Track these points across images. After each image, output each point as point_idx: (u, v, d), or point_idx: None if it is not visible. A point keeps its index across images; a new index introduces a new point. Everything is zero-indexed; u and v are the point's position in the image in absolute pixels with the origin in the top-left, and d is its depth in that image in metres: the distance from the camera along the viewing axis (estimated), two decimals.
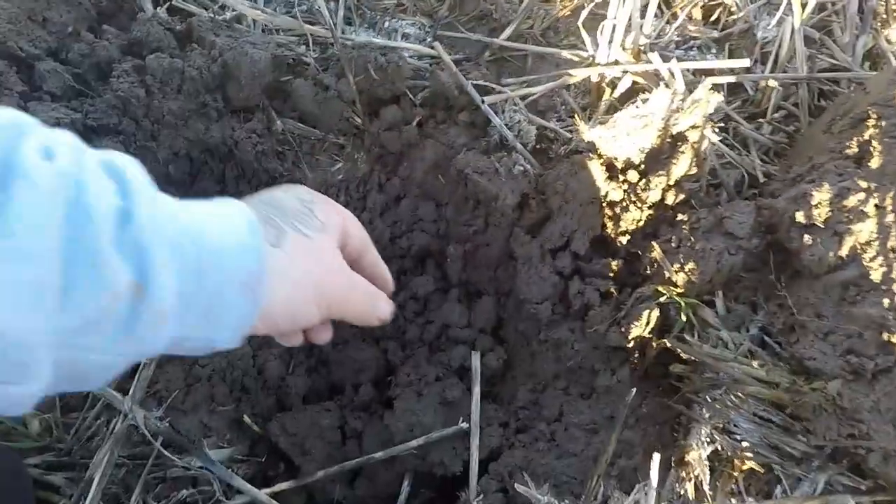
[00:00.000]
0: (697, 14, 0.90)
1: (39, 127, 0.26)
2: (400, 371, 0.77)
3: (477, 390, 0.60)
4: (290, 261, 0.36)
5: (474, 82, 0.76)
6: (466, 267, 0.82)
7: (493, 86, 0.77)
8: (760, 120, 0.80)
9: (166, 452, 0.56)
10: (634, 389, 0.62)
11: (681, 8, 0.89)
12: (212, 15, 0.72)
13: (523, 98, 0.76)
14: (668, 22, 0.89)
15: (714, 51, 0.88)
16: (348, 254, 0.44)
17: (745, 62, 0.71)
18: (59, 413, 0.60)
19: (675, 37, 0.88)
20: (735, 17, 0.87)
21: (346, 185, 0.79)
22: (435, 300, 0.82)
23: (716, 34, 0.88)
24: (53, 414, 0.60)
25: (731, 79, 0.73)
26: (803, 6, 0.75)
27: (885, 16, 0.87)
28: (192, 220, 0.31)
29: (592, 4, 0.89)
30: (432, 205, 0.82)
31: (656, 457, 0.51)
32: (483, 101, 0.71)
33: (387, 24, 0.89)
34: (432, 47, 0.76)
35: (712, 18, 0.90)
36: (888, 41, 0.84)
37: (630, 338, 0.66)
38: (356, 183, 0.80)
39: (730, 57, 0.87)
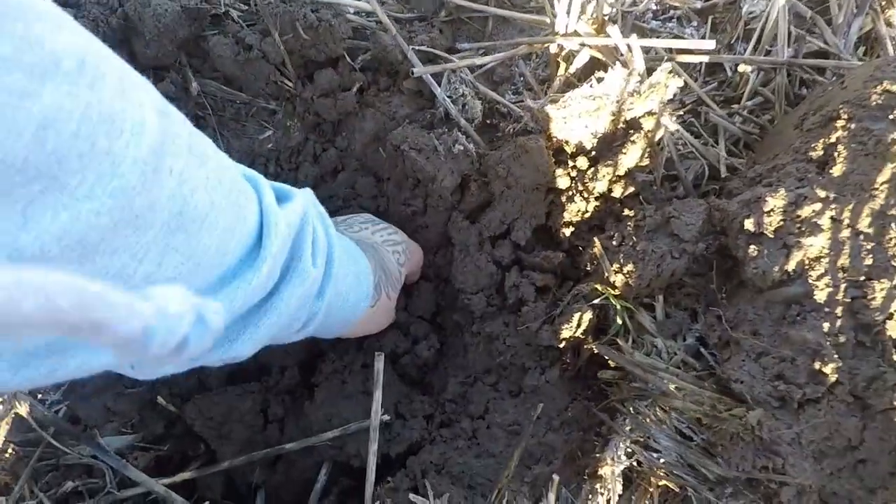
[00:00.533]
0: None
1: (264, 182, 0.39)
2: (326, 357, 0.73)
3: (378, 395, 0.56)
4: (372, 314, 0.57)
5: (418, 48, 0.68)
6: None
7: (441, 53, 0.70)
8: (734, 106, 0.73)
9: (54, 441, 0.53)
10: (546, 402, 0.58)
11: None
12: None
13: (472, 69, 0.69)
14: None
15: (695, 23, 0.80)
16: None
17: (710, 44, 0.63)
18: None
19: (653, 5, 0.79)
20: None
21: (277, 155, 0.73)
22: None
23: (699, 4, 0.80)
24: None
25: (703, 59, 0.66)
26: None
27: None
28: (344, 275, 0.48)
29: None
30: (371, 180, 0.76)
31: (555, 478, 0.47)
32: (421, 70, 0.63)
33: None
34: (373, 12, 0.67)
35: None
36: (888, 24, 0.75)
37: (561, 337, 0.62)
38: (288, 153, 0.73)
39: (712, 31, 0.79)
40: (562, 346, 0.63)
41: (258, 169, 0.57)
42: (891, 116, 0.49)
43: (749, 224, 0.53)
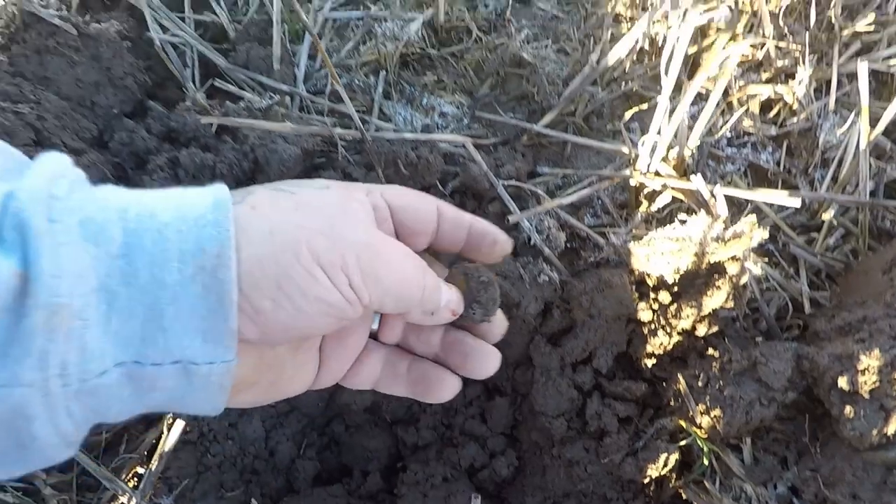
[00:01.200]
0: (755, 107, 0.84)
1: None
2: (408, 466, 0.76)
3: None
4: (257, 214, 0.29)
5: (506, 183, 0.74)
6: None
7: (525, 186, 0.75)
8: (814, 234, 0.75)
9: None
10: None
11: (738, 99, 0.84)
12: (247, 104, 0.72)
13: (556, 204, 0.73)
14: (723, 113, 0.84)
15: (770, 149, 0.82)
16: (404, 229, 0.38)
17: (796, 201, 0.65)
18: (74, 494, 0.63)
19: (729, 132, 0.82)
20: (797, 115, 0.81)
21: None
22: None
23: (773, 131, 0.82)
24: (70, 495, 0.63)
25: (795, 203, 0.68)
26: (873, 124, 0.69)
27: None
28: (139, 201, 0.26)
29: (641, 89, 0.85)
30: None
31: None
32: (518, 216, 0.68)
33: (425, 100, 0.88)
34: (464, 145, 0.74)
35: (772, 114, 0.84)
36: None
37: (645, 474, 0.62)
38: None
39: (787, 155, 0.82)
40: (645, 480, 0.63)
41: None
42: None
43: (843, 382, 0.54)
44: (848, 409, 0.53)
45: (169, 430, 0.65)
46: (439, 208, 0.40)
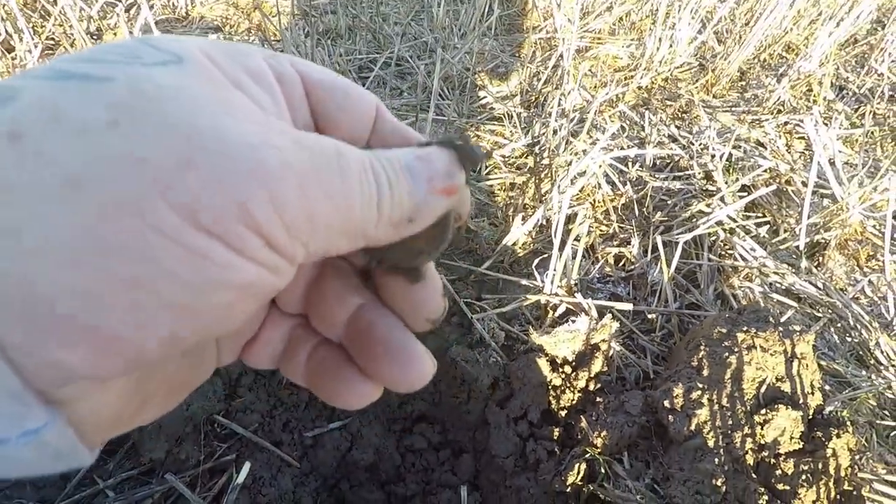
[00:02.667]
0: (612, 260, 1.36)
1: None
2: None
3: None
4: (25, 151, 0.16)
5: (465, 300, 1.16)
6: (452, 429, 1.13)
7: (476, 303, 1.17)
8: (653, 334, 1.21)
9: None
10: None
11: (601, 255, 1.36)
12: None
13: (497, 313, 1.16)
14: (592, 263, 1.35)
15: (622, 286, 1.33)
16: (327, 121, 0.26)
17: (629, 305, 1.13)
18: None
19: (597, 274, 1.33)
20: (634, 265, 1.34)
21: None
22: (429, 453, 1.11)
23: (623, 274, 1.34)
24: None
25: (628, 307, 1.15)
26: (668, 265, 1.21)
27: (730, 270, 1.35)
28: None
29: (541, 247, 1.35)
30: (430, 381, 1.15)
31: None
32: (472, 316, 1.09)
33: None
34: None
35: (621, 264, 1.37)
36: (730, 286, 1.30)
37: (567, 484, 0.96)
38: None
39: (633, 289, 1.32)
40: (568, 490, 0.96)
41: None
42: (724, 344, 0.96)
43: (667, 403, 0.95)
44: (671, 418, 0.93)
45: (237, 474, 0.90)
46: (378, 106, 0.28)
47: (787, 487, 0.82)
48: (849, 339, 1.20)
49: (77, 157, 0.16)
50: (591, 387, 1.05)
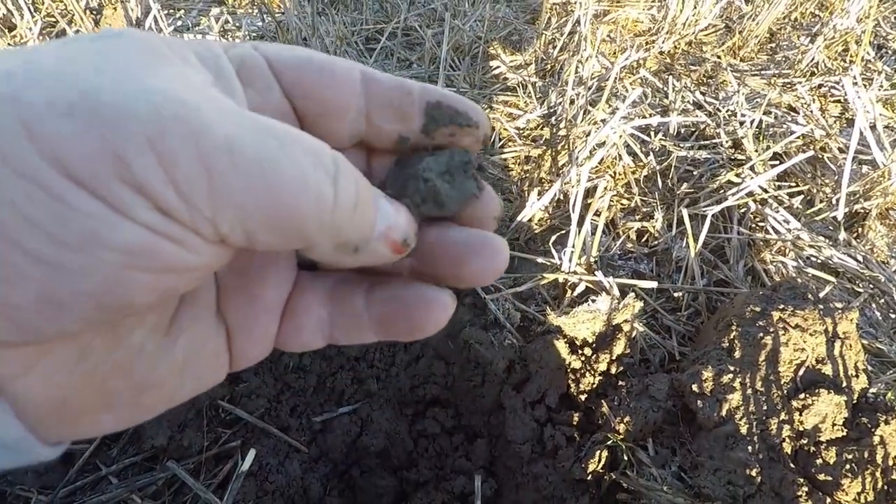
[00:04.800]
0: (633, 236, 1.29)
1: None
2: (413, 496, 0.98)
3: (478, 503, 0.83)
4: None
5: None
6: (466, 413, 1.08)
7: (490, 283, 1.11)
8: (678, 313, 1.14)
9: None
10: None
11: (622, 231, 1.29)
12: None
13: (512, 293, 1.10)
14: (613, 239, 1.28)
15: (645, 262, 1.25)
16: (305, 104, 0.24)
17: (653, 283, 1.06)
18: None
19: (618, 251, 1.25)
20: (658, 240, 1.26)
21: (379, 344, 1.09)
22: (443, 438, 1.06)
23: (646, 250, 1.26)
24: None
25: (652, 284, 1.08)
26: (695, 240, 1.14)
27: (761, 243, 1.26)
28: None
29: (559, 223, 1.28)
30: (443, 364, 1.10)
31: None
32: (485, 297, 1.03)
33: None
34: None
35: (643, 240, 1.29)
36: (762, 261, 1.22)
37: (588, 472, 0.91)
38: (387, 344, 1.09)
39: (657, 265, 1.25)
40: (588, 478, 0.91)
41: (364, 359, 0.91)
42: (758, 323, 0.89)
43: (695, 387, 0.88)
44: (699, 403, 0.87)
45: (242, 461, 0.87)
46: (363, 71, 0.25)
47: (829, 478, 0.76)
48: (893, 316, 1.12)
49: None
50: (613, 370, 0.99)
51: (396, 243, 0.23)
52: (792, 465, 0.78)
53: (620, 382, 0.98)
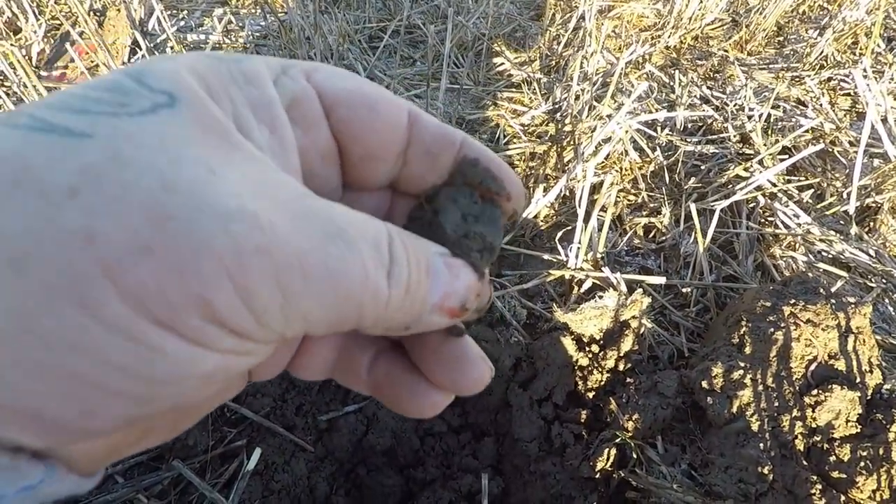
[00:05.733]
0: (641, 232, 1.27)
1: None
2: (420, 495, 0.97)
3: (485, 502, 0.82)
4: None
5: None
6: (473, 412, 1.07)
7: (496, 280, 1.10)
8: (687, 309, 1.13)
9: None
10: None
11: (629, 226, 1.28)
12: None
13: (518, 290, 1.09)
14: (620, 235, 1.26)
15: (653, 258, 1.24)
16: (353, 143, 0.23)
17: (661, 279, 1.05)
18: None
19: (625, 247, 1.24)
20: (666, 236, 1.24)
21: None
22: (449, 437, 1.05)
23: (653, 246, 1.25)
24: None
25: (660, 280, 1.07)
26: (704, 235, 1.12)
27: (771, 238, 1.24)
28: None
29: (565, 220, 1.27)
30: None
31: None
32: (491, 294, 1.03)
33: None
34: None
35: (651, 235, 1.28)
36: (771, 256, 1.20)
37: (596, 470, 0.89)
38: None
39: (665, 261, 1.23)
40: (597, 476, 0.90)
41: None
42: (769, 319, 0.88)
43: (705, 384, 0.87)
44: (710, 400, 0.86)
45: (248, 460, 0.86)
46: (411, 112, 0.24)
47: (843, 476, 0.74)
48: None
49: (29, 230, 0.15)
50: (621, 367, 0.98)
51: (454, 310, 0.22)
52: (805, 463, 0.77)
53: (629, 379, 0.97)
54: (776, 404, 0.81)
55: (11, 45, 1.60)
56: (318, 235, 0.18)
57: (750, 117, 1.50)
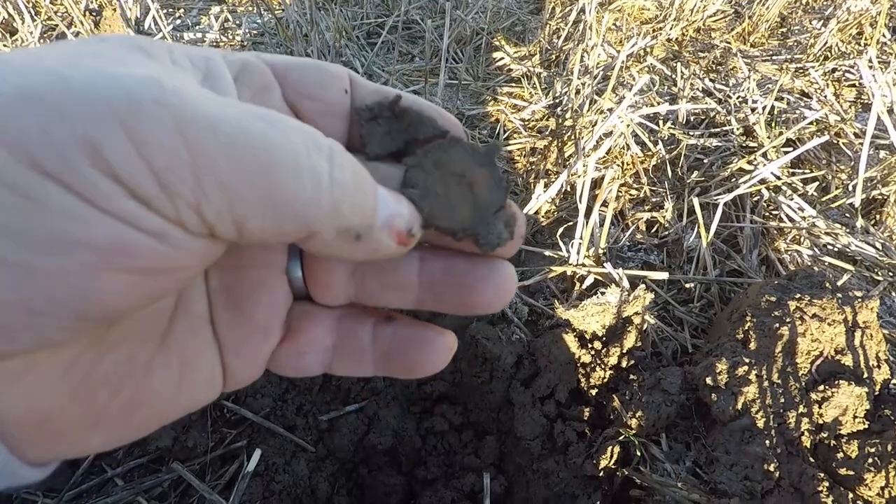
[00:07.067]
0: (643, 227, 1.26)
1: None
2: (422, 494, 0.97)
3: (487, 502, 0.81)
4: None
5: None
6: (475, 410, 1.06)
7: None
8: (690, 305, 1.11)
9: None
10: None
11: (631, 221, 1.26)
12: None
13: (519, 287, 1.07)
14: (622, 230, 1.25)
15: (655, 253, 1.22)
16: (305, 103, 0.24)
17: (664, 274, 1.03)
18: None
19: (627, 242, 1.23)
20: (668, 230, 1.23)
21: None
22: (451, 435, 1.04)
23: (656, 241, 1.23)
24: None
25: (663, 275, 1.06)
26: (707, 230, 1.11)
27: (775, 232, 1.23)
28: None
29: (566, 215, 1.26)
30: (451, 360, 1.08)
31: None
32: None
33: None
34: None
35: (653, 230, 1.26)
36: (776, 250, 1.19)
37: (599, 468, 0.88)
38: None
39: (667, 256, 1.22)
40: (601, 474, 0.89)
41: None
42: (774, 314, 0.86)
43: (709, 380, 0.86)
44: (714, 397, 0.84)
45: (248, 461, 0.86)
46: (350, 74, 0.25)
47: (851, 472, 0.73)
48: None
49: None
50: (624, 363, 0.96)
51: (402, 233, 0.22)
52: (811, 460, 0.76)
53: (632, 376, 0.95)
54: (782, 400, 0.80)
55: (6, 46, 1.59)
56: (236, 109, 0.17)
57: (753, 110, 1.48)
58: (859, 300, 0.85)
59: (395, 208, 0.21)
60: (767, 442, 0.78)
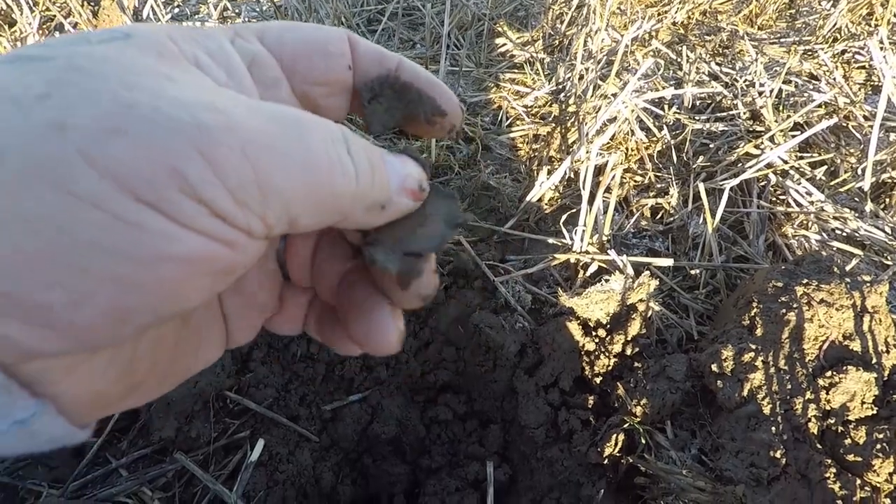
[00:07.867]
0: (648, 213, 1.24)
1: None
2: (427, 483, 0.97)
3: (491, 490, 0.81)
4: None
5: (487, 262, 1.07)
6: (478, 399, 1.06)
7: (500, 266, 1.08)
8: (696, 292, 1.10)
9: None
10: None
11: (635, 208, 1.25)
12: None
13: (522, 275, 1.06)
14: (626, 217, 1.24)
15: (660, 240, 1.21)
16: (304, 82, 0.26)
17: (669, 261, 1.02)
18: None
19: (632, 229, 1.21)
20: (674, 217, 1.21)
21: None
22: (455, 424, 1.04)
23: (661, 227, 1.22)
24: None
25: (668, 262, 1.04)
26: (713, 215, 1.09)
27: (782, 217, 1.21)
28: None
29: (570, 202, 1.24)
30: (454, 349, 1.08)
31: None
32: (494, 279, 1.00)
33: None
34: (458, 239, 1.08)
35: (658, 216, 1.25)
36: (783, 236, 1.17)
37: (604, 456, 0.88)
38: None
39: (672, 243, 1.20)
40: (605, 462, 0.89)
41: None
42: (781, 300, 0.85)
43: (715, 367, 0.85)
44: (720, 383, 0.84)
45: (251, 451, 0.86)
46: (350, 37, 0.27)
47: (859, 459, 0.72)
48: None
49: (3, 129, 0.16)
50: (629, 351, 0.96)
51: (415, 191, 0.25)
52: (819, 446, 0.75)
53: (636, 364, 0.95)
54: (789, 387, 0.79)
55: (3, 37, 1.59)
56: (274, 120, 0.19)
57: (760, 93, 1.45)
58: (868, 285, 0.83)
59: (403, 170, 0.25)
60: (774, 428, 0.77)
